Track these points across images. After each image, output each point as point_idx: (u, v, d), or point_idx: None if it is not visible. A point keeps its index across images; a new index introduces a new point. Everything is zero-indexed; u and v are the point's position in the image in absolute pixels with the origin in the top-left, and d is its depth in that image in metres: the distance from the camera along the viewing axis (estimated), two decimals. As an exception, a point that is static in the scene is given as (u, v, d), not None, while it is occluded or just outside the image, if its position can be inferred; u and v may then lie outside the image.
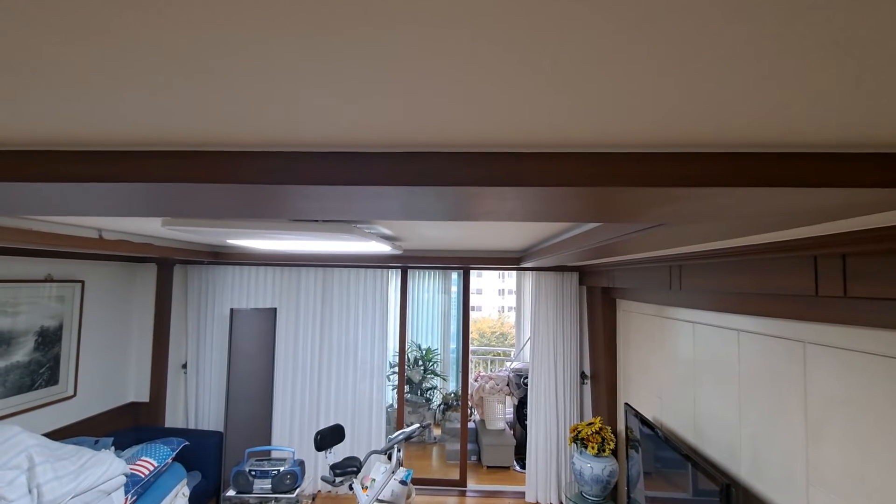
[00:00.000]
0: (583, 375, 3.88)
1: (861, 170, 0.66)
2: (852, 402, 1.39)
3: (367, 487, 3.11)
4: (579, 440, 3.12)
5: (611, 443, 3.05)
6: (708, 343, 2.23)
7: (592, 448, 3.01)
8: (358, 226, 1.77)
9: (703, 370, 2.28)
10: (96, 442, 3.00)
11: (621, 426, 3.43)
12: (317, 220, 1.58)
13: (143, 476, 2.84)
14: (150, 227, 2.24)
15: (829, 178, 0.66)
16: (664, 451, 2.32)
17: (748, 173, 0.67)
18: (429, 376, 5.84)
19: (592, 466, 2.98)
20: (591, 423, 3.13)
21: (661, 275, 2.21)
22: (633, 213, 0.83)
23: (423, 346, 6.07)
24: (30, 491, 2.36)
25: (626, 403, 2.95)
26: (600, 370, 3.63)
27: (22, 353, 2.88)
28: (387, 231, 2.15)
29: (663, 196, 0.72)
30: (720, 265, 1.72)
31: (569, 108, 0.52)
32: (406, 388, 5.30)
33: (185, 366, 4.07)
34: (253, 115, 0.55)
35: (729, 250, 1.60)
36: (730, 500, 1.68)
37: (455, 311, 6.31)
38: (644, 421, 2.58)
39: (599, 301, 3.60)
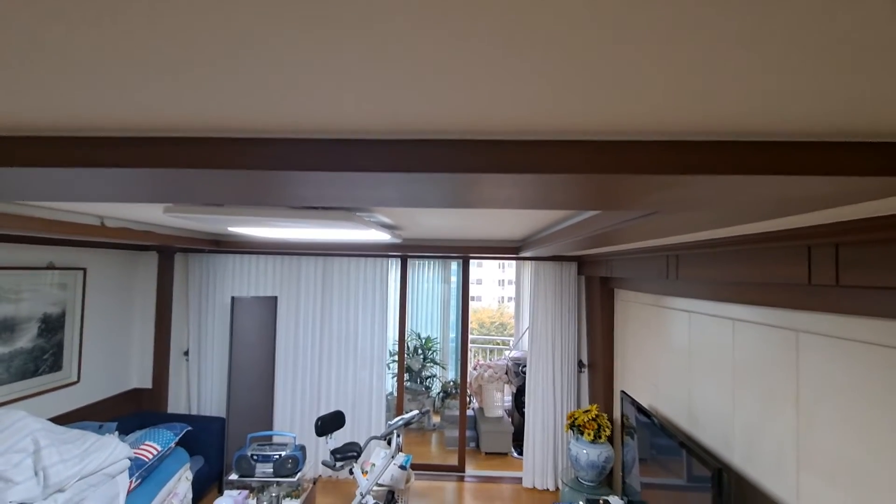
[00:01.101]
0: (580, 364, 3.92)
1: (853, 158, 0.67)
2: (843, 390, 1.42)
3: (367, 472, 3.17)
4: (576, 427, 3.16)
5: (607, 430, 3.09)
6: (703, 332, 2.26)
7: (588, 434, 3.05)
8: (357, 213, 1.78)
9: (698, 359, 2.31)
10: (100, 427, 3.05)
11: (617, 413, 3.48)
12: (316, 208, 1.60)
13: (146, 460, 2.89)
14: (152, 215, 2.25)
15: (821, 166, 0.68)
16: (659, 437, 2.36)
17: (742, 161, 0.68)
18: (428, 365, 5.89)
19: (588, 452, 3.03)
20: (587, 411, 3.18)
21: (658, 264, 2.23)
22: (629, 200, 0.84)
23: (423, 335, 6.12)
24: (35, 474, 2.41)
25: (623, 391, 2.99)
26: (598, 359, 3.67)
27: (25, 340, 2.91)
28: (386, 219, 2.17)
29: (658, 183, 0.73)
30: (716, 255, 1.74)
31: (567, 97, 0.53)
32: (406, 376, 5.35)
33: (186, 353, 4.11)
34: (255, 103, 0.57)
35: (725, 240, 1.61)
36: (721, 485, 1.72)
37: (455, 301, 6.34)
38: (640, 408, 2.62)
39: (597, 291, 3.62)
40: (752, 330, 1.87)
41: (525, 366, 4.27)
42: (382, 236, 2.29)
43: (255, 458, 3.18)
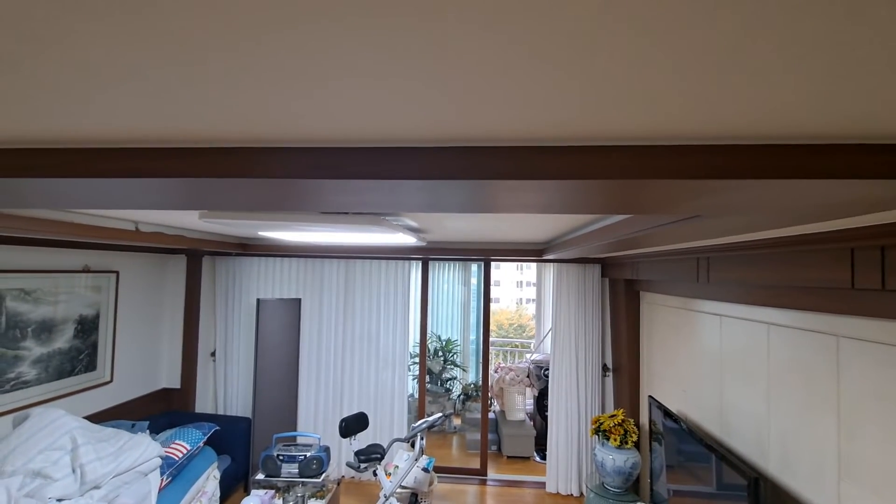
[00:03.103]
0: (605, 368, 3.87)
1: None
2: (888, 397, 1.37)
3: (390, 474, 3.18)
4: (601, 432, 3.12)
5: (633, 435, 3.04)
6: (736, 336, 2.21)
7: (615, 440, 3.01)
8: (386, 218, 1.80)
9: (730, 364, 2.25)
10: (133, 426, 3.14)
11: (644, 419, 3.42)
12: (346, 213, 1.61)
13: (177, 459, 2.95)
14: (184, 220, 2.31)
15: (872, 169, 0.65)
16: (688, 444, 2.31)
17: (786, 164, 0.66)
18: (449, 367, 5.89)
19: (615, 458, 2.99)
20: (613, 416, 3.13)
21: (688, 267, 2.18)
22: (669, 205, 0.83)
23: (444, 338, 6.12)
24: (73, 471, 2.49)
25: (650, 396, 2.93)
26: (623, 363, 3.61)
27: (62, 341, 3.01)
28: (412, 223, 2.18)
29: (699, 188, 0.72)
30: (750, 257, 1.69)
31: (604, 102, 0.53)
32: (427, 378, 5.36)
33: (213, 354, 4.19)
34: (299, 112, 0.58)
35: (760, 242, 1.57)
36: (758, 494, 1.67)
37: (475, 303, 6.33)
38: (668, 413, 2.57)
39: (622, 293, 3.57)
40: (789, 334, 1.82)
41: (547, 369, 4.24)
42: (408, 239, 2.30)
43: (280, 458, 3.22)
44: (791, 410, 1.80)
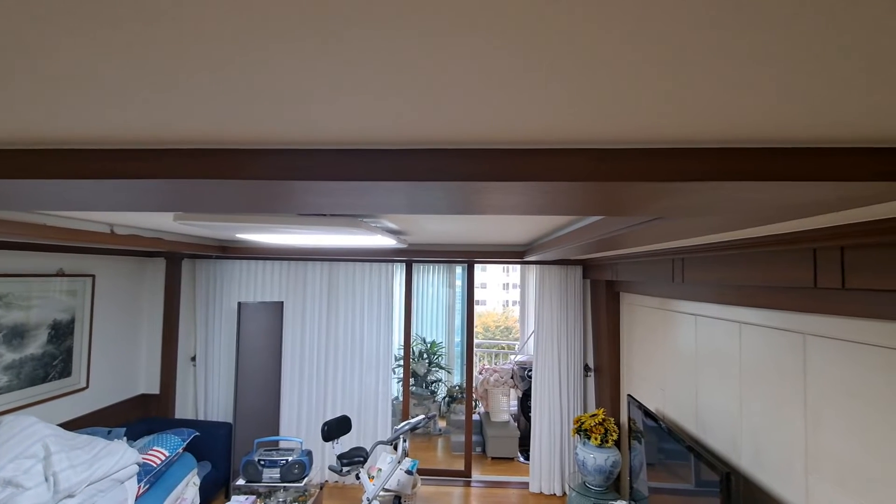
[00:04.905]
0: (586, 368, 3.92)
1: (855, 164, 0.68)
2: (851, 393, 1.42)
3: (373, 477, 3.17)
4: (582, 431, 3.16)
5: (614, 434, 3.08)
6: (710, 335, 2.26)
7: (595, 439, 3.05)
8: (364, 220, 1.80)
9: (705, 362, 2.31)
10: (109, 432, 3.07)
11: (624, 418, 3.47)
12: (324, 215, 1.62)
13: (154, 465, 2.90)
14: (161, 222, 2.28)
15: (823, 172, 0.69)
16: (667, 442, 2.35)
17: (743, 168, 0.69)
18: (433, 369, 5.89)
19: (595, 457, 3.02)
20: (594, 415, 3.17)
21: (664, 268, 2.23)
22: (633, 206, 0.86)
23: (428, 340, 6.12)
24: (46, 479, 2.43)
25: (629, 395, 2.98)
26: (604, 363, 3.66)
27: (35, 346, 2.94)
28: (392, 225, 2.19)
29: (661, 190, 0.74)
30: (722, 258, 1.74)
31: (573, 108, 0.55)
32: (411, 381, 5.35)
33: (194, 358, 4.13)
34: (270, 115, 0.59)
35: (730, 243, 1.62)
36: (730, 489, 1.72)
37: (460, 305, 6.35)
38: (647, 412, 2.61)
39: (603, 294, 3.62)
40: (759, 333, 1.88)
41: (531, 370, 4.27)
42: (388, 241, 2.31)
43: (262, 463, 3.19)
44: (762, 407, 1.85)
